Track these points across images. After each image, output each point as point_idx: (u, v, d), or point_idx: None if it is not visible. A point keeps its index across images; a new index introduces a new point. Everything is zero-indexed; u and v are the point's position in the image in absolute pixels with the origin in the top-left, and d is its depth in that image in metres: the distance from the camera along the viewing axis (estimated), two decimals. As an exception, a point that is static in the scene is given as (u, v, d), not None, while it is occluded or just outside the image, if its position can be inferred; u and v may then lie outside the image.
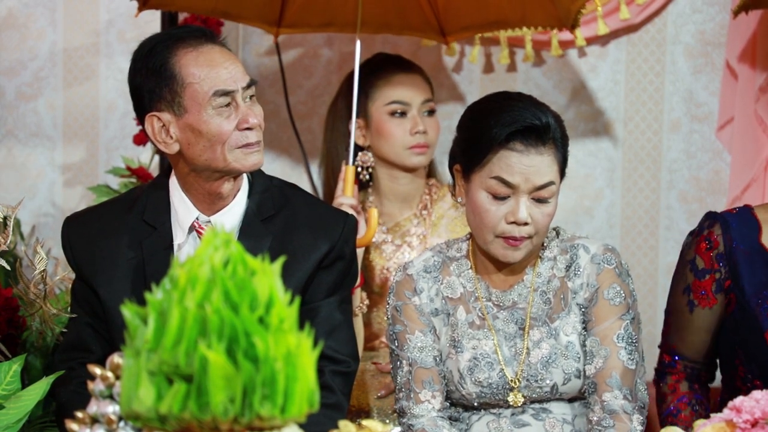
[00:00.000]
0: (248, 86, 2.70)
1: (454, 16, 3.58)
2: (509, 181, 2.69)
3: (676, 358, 2.95)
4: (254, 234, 2.74)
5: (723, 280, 2.84)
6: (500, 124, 2.68)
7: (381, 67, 3.59)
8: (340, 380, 2.76)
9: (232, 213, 2.77)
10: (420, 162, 3.57)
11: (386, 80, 3.57)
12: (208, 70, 2.66)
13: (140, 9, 3.41)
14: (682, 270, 2.93)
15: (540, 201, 2.71)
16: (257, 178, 2.82)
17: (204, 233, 2.72)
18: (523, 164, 2.68)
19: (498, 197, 2.70)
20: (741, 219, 2.86)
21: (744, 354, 2.82)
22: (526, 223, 2.70)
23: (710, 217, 2.90)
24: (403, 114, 3.55)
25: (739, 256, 2.82)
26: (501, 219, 2.70)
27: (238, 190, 2.77)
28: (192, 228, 2.76)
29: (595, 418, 2.73)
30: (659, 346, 3.02)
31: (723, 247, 2.83)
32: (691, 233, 2.94)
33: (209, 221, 2.76)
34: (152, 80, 2.68)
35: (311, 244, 2.76)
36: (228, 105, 2.67)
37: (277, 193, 2.82)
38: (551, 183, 2.71)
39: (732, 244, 2.83)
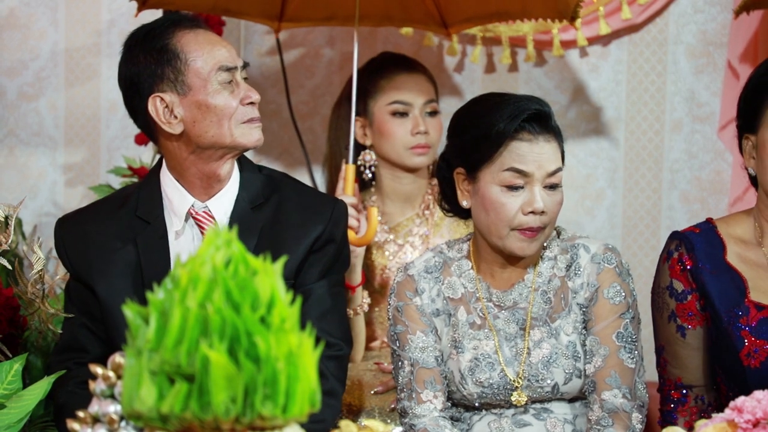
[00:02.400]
0: (243, 67, 2.80)
1: (456, 7, 3.58)
2: (524, 170, 2.70)
3: (685, 391, 2.85)
4: (245, 221, 2.76)
5: (700, 299, 2.82)
6: (505, 117, 2.71)
7: (384, 67, 3.60)
8: (333, 364, 2.77)
9: (226, 198, 2.78)
10: (421, 162, 3.57)
11: (389, 80, 3.57)
12: (210, 47, 2.72)
13: (140, 9, 3.41)
14: (659, 299, 2.86)
15: (551, 188, 2.73)
16: (246, 166, 2.86)
17: (205, 233, 2.72)
18: (534, 152, 2.71)
19: (512, 188, 2.71)
20: (704, 238, 2.81)
21: (723, 372, 2.79)
22: (543, 212, 2.71)
23: (675, 238, 2.84)
24: (404, 114, 3.55)
25: (705, 276, 2.78)
26: (517, 211, 2.71)
27: (231, 176, 2.79)
28: (189, 215, 2.77)
29: (594, 417, 2.73)
30: (658, 390, 2.90)
31: (692, 266, 2.81)
32: (661, 258, 2.87)
33: (206, 207, 2.78)
34: (153, 62, 2.71)
35: (302, 229, 2.78)
36: (230, 82, 2.73)
37: (267, 181, 2.85)
38: (560, 169, 2.75)
39: (698, 264, 2.80)
